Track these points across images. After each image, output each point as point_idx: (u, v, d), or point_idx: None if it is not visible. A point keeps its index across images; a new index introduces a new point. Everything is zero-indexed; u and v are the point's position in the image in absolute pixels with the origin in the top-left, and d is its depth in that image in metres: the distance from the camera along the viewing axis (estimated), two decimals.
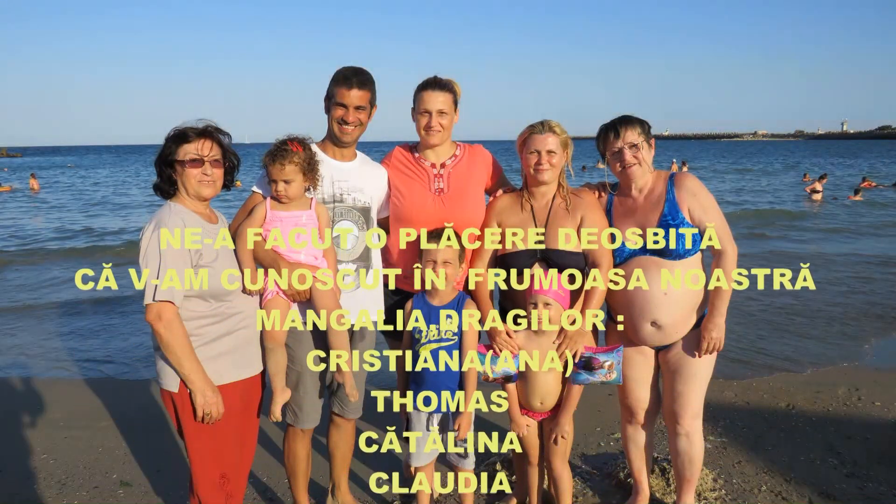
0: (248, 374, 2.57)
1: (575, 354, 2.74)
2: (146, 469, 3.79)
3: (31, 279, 9.76)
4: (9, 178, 37.26)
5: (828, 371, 5.37)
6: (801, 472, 3.59)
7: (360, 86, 2.80)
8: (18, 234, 14.62)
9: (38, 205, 22.46)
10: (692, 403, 2.86)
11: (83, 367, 5.71)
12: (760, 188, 27.05)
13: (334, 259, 2.77)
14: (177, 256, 2.29)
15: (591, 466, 3.69)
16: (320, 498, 3.29)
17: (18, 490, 3.57)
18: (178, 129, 2.44)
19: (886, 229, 14.48)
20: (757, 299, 7.70)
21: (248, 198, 2.81)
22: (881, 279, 8.92)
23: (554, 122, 2.81)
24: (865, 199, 20.81)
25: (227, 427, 2.47)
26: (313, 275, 2.62)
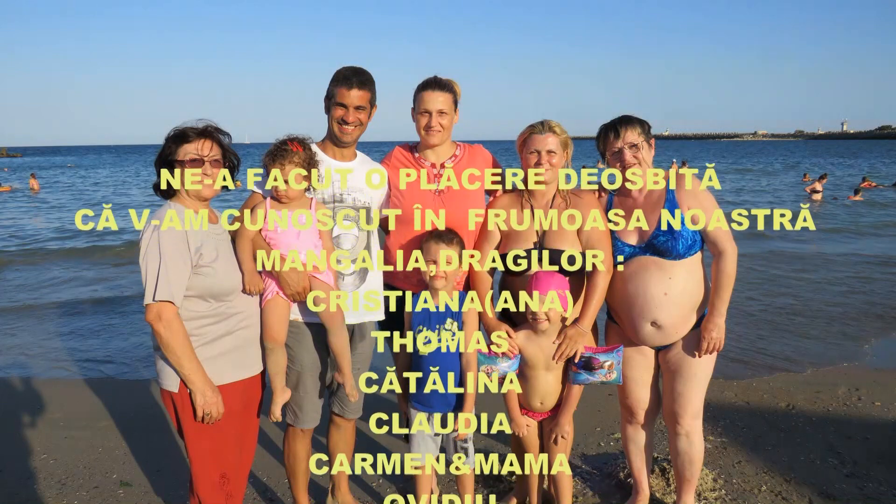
0: (248, 374, 2.57)
1: (575, 354, 2.74)
2: (146, 469, 3.79)
3: (31, 279, 9.75)
4: (9, 178, 37.26)
5: (828, 371, 5.37)
6: (801, 472, 3.59)
7: (360, 86, 2.80)
8: (18, 234, 14.63)
9: (38, 205, 22.46)
10: (692, 403, 2.86)
11: (83, 367, 5.71)
12: (760, 188, 27.05)
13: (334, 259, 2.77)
14: (177, 256, 2.29)
15: (591, 466, 3.70)
16: (320, 498, 3.29)
17: (18, 490, 3.57)
18: (177, 129, 2.44)
19: (886, 229, 14.49)
20: (757, 299, 7.71)
21: (248, 197, 2.81)
22: (881, 279, 8.92)
23: (554, 122, 2.81)
24: (865, 199, 20.81)
25: (227, 427, 2.46)
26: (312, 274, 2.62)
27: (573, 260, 2.77)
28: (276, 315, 2.61)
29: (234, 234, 2.62)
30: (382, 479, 3.59)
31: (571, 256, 2.77)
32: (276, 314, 2.61)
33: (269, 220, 2.63)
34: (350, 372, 2.74)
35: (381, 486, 3.53)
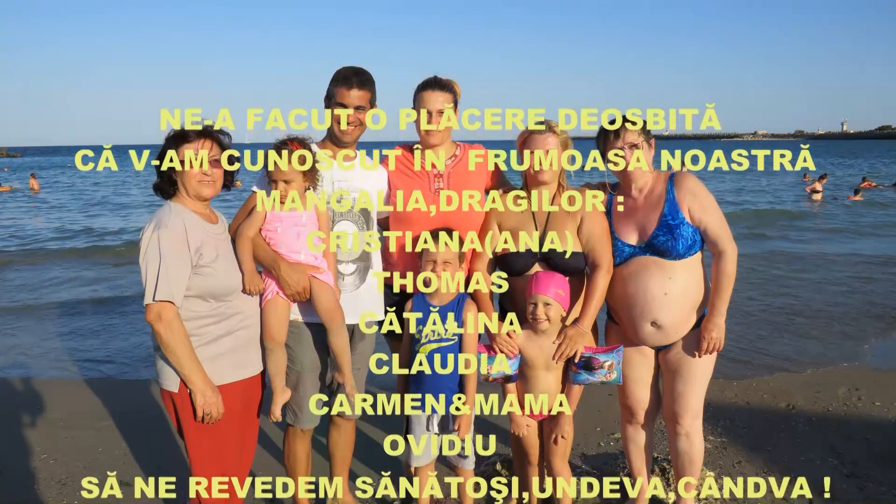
0: (248, 374, 2.57)
1: (575, 354, 2.74)
2: (146, 469, 3.79)
3: (31, 279, 9.75)
4: (9, 178, 37.27)
5: (828, 371, 5.37)
6: (801, 472, 3.59)
7: (360, 86, 2.80)
8: (18, 234, 14.63)
9: (38, 205, 22.47)
10: (692, 403, 2.86)
11: (83, 367, 5.71)
12: (760, 188, 27.05)
13: (334, 259, 2.77)
14: (177, 256, 2.29)
15: (591, 466, 3.69)
16: (320, 498, 3.29)
17: (18, 490, 3.57)
18: (178, 129, 2.44)
19: (886, 229, 14.48)
20: (757, 299, 7.71)
21: (248, 197, 2.81)
22: (881, 279, 8.92)
23: (554, 123, 2.81)
24: (865, 199, 20.82)
25: (227, 427, 2.47)
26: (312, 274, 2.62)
27: (573, 261, 2.77)
28: (276, 315, 2.61)
29: (234, 234, 2.62)
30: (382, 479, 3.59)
31: (571, 257, 2.77)
32: (276, 314, 2.61)
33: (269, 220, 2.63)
34: (350, 372, 2.73)
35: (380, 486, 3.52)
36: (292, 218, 2.65)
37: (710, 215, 2.73)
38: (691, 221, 2.73)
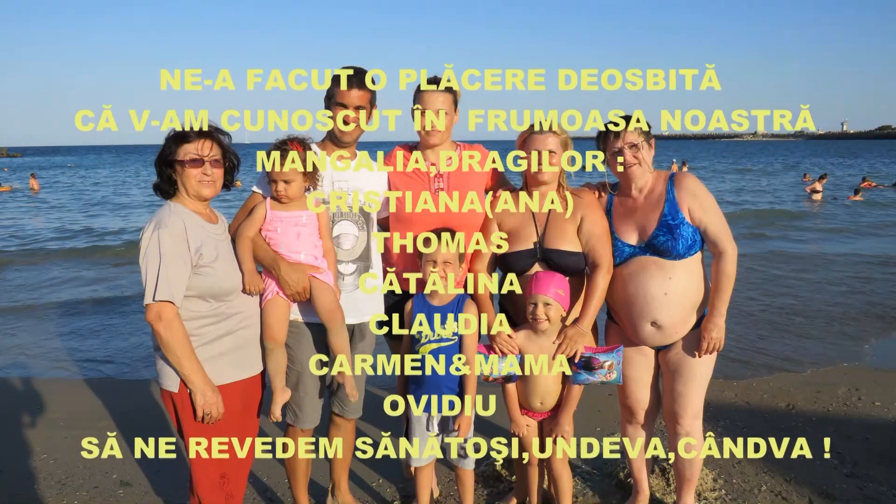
0: (248, 374, 2.57)
1: (575, 354, 2.74)
2: (146, 469, 3.79)
3: (31, 279, 9.76)
4: (9, 178, 37.28)
5: (828, 371, 5.37)
6: (801, 472, 3.59)
7: (360, 86, 2.80)
8: (18, 234, 14.63)
9: (38, 205, 22.47)
10: (692, 403, 2.86)
11: (83, 367, 5.71)
12: (760, 188, 27.06)
13: (334, 259, 2.77)
14: (177, 256, 2.28)
15: (591, 466, 3.69)
16: (320, 498, 3.29)
17: (18, 490, 3.57)
18: (178, 129, 2.44)
19: (886, 229, 14.48)
20: (757, 299, 7.71)
21: (248, 198, 2.81)
22: (881, 279, 8.92)
23: (554, 123, 2.81)
24: (865, 199, 20.82)
25: (227, 427, 2.47)
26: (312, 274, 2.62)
27: (573, 261, 2.77)
28: (276, 315, 2.61)
29: (234, 234, 2.62)
30: (382, 479, 3.59)
31: (571, 257, 2.77)
32: (276, 314, 2.61)
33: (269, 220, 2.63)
34: (350, 372, 2.73)
35: (380, 486, 3.53)
36: (292, 218, 2.65)
37: (710, 215, 2.73)
38: (691, 221, 2.73)
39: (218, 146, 2.48)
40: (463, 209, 2.93)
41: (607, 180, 3.04)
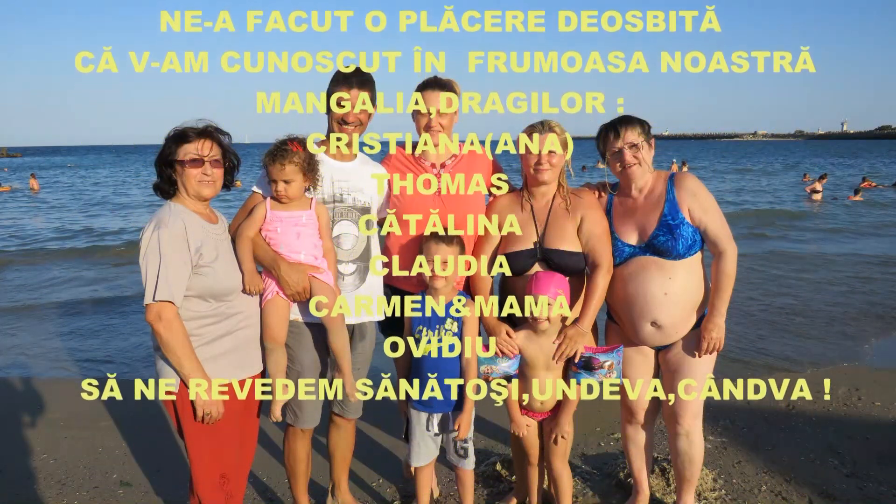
0: (248, 374, 2.57)
1: (575, 354, 2.74)
2: (146, 469, 3.79)
3: (31, 279, 9.75)
4: (9, 178, 37.28)
5: (828, 371, 5.36)
6: (801, 472, 3.59)
7: (360, 86, 2.79)
8: (18, 234, 14.62)
9: (38, 205, 22.46)
10: (692, 403, 2.86)
11: (83, 367, 5.71)
12: (760, 188, 27.06)
13: (334, 259, 2.77)
14: (177, 256, 2.29)
15: (591, 466, 3.69)
16: (320, 498, 3.29)
17: (18, 490, 3.57)
18: (178, 129, 2.44)
19: (886, 229, 14.48)
20: (757, 299, 7.71)
21: (248, 198, 2.81)
22: (881, 279, 8.92)
23: (554, 122, 2.81)
24: (865, 199, 20.82)
25: (227, 427, 2.47)
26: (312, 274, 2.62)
27: (573, 261, 2.77)
28: (276, 315, 2.61)
29: (234, 234, 2.62)
30: (382, 479, 3.59)
31: (571, 257, 2.77)
32: (276, 314, 2.61)
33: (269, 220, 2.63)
34: (350, 372, 2.74)
35: (380, 486, 3.53)
36: (292, 218, 2.65)
37: (710, 215, 2.73)
38: (691, 221, 2.73)
39: (218, 146, 2.48)
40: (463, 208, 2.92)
41: (607, 180, 3.04)
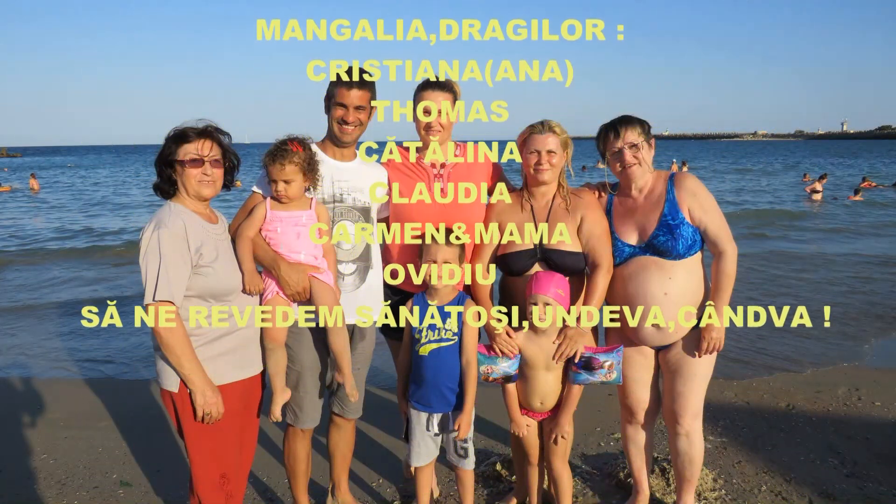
0: (248, 374, 2.57)
1: (575, 354, 2.74)
2: (146, 469, 3.79)
3: (31, 279, 9.75)
4: (9, 178, 37.26)
5: (828, 371, 5.37)
6: (801, 472, 3.59)
7: (360, 85, 2.79)
8: (18, 234, 14.62)
9: (38, 205, 22.46)
10: (692, 403, 2.86)
11: (83, 367, 5.71)
12: (760, 188, 27.05)
13: (334, 259, 2.77)
14: (177, 256, 2.28)
15: (591, 466, 3.69)
16: (320, 498, 3.29)
17: (18, 490, 3.57)
18: (177, 129, 2.44)
19: (886, 229, 14.48)
20: (757, 299, 7.70)
21: (248, 198, 2.81)
22: (881, 279, 8.92)
23: (554, 122, 2.81)
24: (865, 199, 20.82)
25: (227, 427, 2.47)
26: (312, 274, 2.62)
27: (573, 261, 2.77)
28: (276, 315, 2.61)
29: (234, 234, 2.62)
30: (382, 479, 3.59)
31: (571, 257, 2.77)
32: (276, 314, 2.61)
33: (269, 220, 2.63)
34: (350, 372, 2.73)
35: (380, 486, 3.53)
36: (292, 218, 2.65)
37: (710, 215, 2.73)
38: (691, 221, 2.73)
39: (218, 146, 2.48)
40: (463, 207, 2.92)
41: (607, 180, 3.04)
